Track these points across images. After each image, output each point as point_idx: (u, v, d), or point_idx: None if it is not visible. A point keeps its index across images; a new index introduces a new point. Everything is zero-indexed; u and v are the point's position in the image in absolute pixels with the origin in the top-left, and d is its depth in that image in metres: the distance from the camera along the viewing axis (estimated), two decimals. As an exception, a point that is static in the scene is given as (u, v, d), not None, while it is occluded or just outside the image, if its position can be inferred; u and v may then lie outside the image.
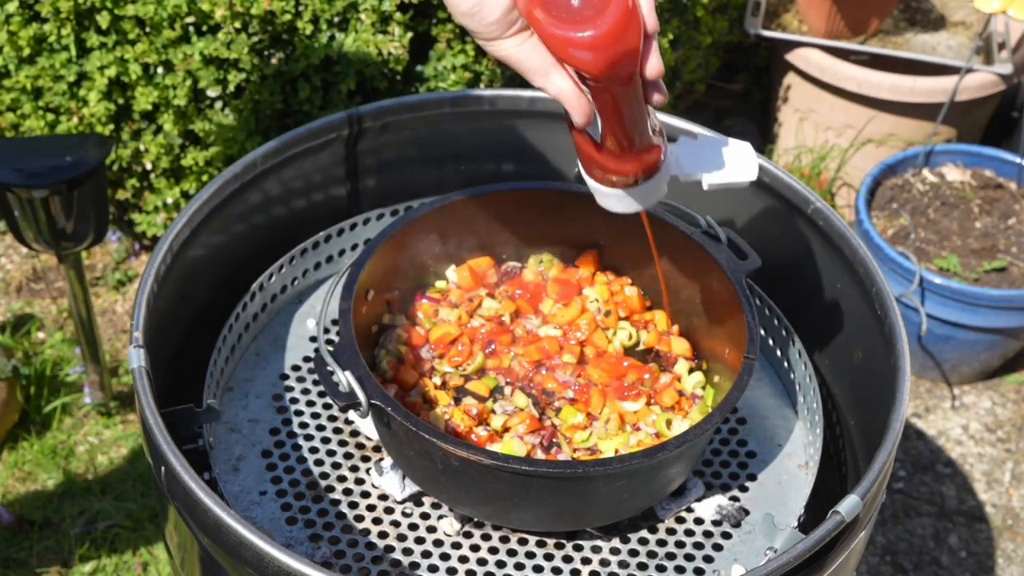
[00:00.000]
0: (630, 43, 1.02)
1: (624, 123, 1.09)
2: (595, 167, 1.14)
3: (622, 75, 1.04)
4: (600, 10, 1.01)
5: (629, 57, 1.03)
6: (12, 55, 2.11)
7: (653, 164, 1.15)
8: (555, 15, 1.02)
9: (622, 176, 1.14)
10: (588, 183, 1.18)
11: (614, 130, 1.10)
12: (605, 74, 1.03)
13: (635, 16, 1.02)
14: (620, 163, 1.13)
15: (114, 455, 2.25)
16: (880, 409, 1.25)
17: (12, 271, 2.59)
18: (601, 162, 1.13)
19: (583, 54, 1.02)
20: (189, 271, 1.36)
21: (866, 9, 2.80)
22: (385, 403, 1.14)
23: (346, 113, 1.47)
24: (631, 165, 1.13)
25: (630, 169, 1.14)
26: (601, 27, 1.00)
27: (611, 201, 1.18)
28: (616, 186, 1.16)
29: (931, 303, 2.37)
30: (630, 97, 1.07)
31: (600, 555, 1.23)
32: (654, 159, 1.14)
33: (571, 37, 1.01)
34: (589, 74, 1.03)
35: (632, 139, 1.11)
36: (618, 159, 1.13)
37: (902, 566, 2.20)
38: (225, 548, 1.08)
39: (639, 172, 1.14)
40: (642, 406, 1.28)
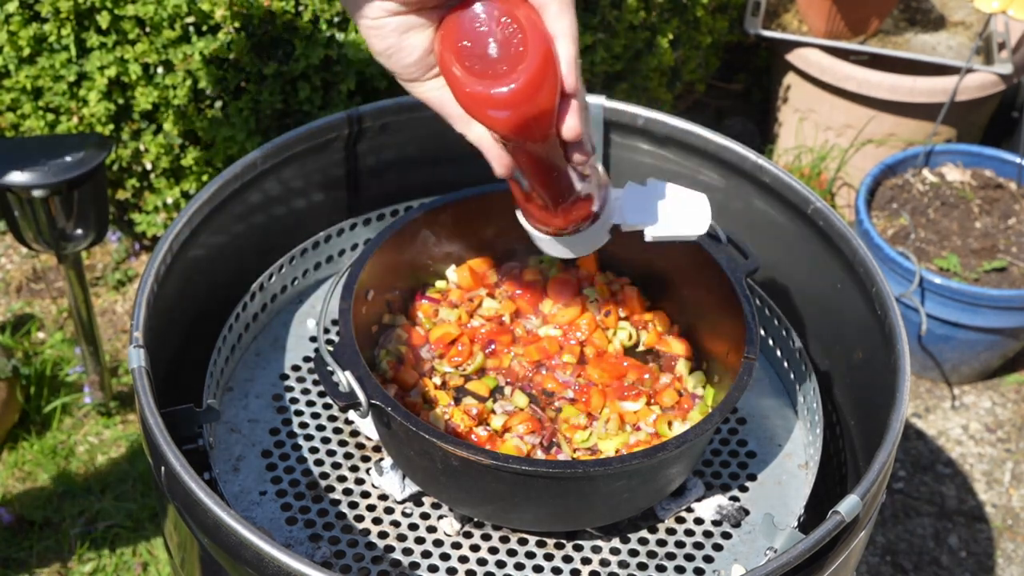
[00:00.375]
0: (543, 104, 0.97)
1: (543, 181, 1.06)
2: (524, 213, 1.12)
3: (534, 136, 1.00)
4: (514, 66, 0.96)
5: (541, 118, 0.98)
6: (12, 55, 2.11)
7: (581, 218, 1.11)
8: (468, 66, 0.97)
9: (549, 227, 1.12)
10: (526, 228, 1.15)
11: (534, 186, 1.07)
12: (515, 134, 0.99)
13: (550, 75, 0.97)
14: (546, 216, 1.10)
15: (114, 455, 2.25)
16: (880, 409, 1.25)
17: (12, 271, 2.59)
18: (528, 211, 1.11)
19: (493, 112, 0.97)
20: (189, 271, 1.36)
21: (866, 9, 2.80)
22: (385, 403, 1.14)
23: (346, 113, 1.47)
24: (557, 219, 1.11)
25: (557, 222, 1.11)
26: (510, 86, 0.96)
27: (545, 245, 1.16)
28: (550, 234, 1.14)
29: (931, 303, 2.38)
30: (547, 156, 1.03)
31: (600, 555, 1.23)
32: (582, 214, 1.11)
33: (480, 93, 0.97)
34: (498, 133, 1.00)
35: (554, 196, 1.08)
36: (543, 211, 1.10)
37: (902, 566, 2.20)
38: (225, 548, 1.08)
39: (566, 226, 1.11)
40: (642, 406, 1.28)
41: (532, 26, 0.97)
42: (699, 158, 1.49)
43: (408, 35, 0.99)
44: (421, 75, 1.02)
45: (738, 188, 1.48)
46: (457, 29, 0.98)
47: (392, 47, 1.00)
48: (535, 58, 0.96)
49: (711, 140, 1.47)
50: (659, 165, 1.53)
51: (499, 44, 0.97)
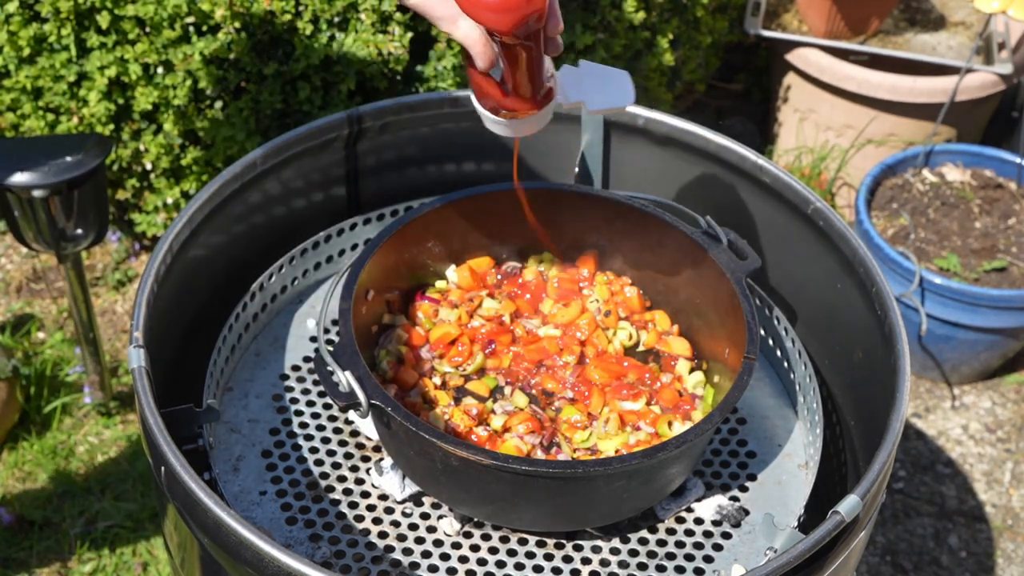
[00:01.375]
0: (538, 4, 1.06)
1: (527, 74, 1.14)
2: (489, 101, 1.19)
3: (529, 32, 1.09)
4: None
5: (536, 17, 1.07)
6: (12, 55, 2.10)
7: (548, 102, 1.20)
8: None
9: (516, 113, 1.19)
10: (478, 109, 1.22)
11: (517, 80, 1.15)
12: (512, 33, 1.07)
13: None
14: (519, 104, 1.18)
15: (114, 455, 2.25)
16: (880, 409, 1.25)
17: (12, 271, 2.59)
18: (500, 101, 1.18)
19: (491, 14, 1.06)
20: (189, 271, 1.36)
21: (866, 9, 2.80)
22: (385, 403, 1.14)
23: (346, 113, 1.47)
24: (527, 105, 1.19)
25: (528, 108, 1.19)
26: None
27: (499, 127, 1.23)
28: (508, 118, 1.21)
29: (931, 303, 2.37)
30: (534, 51, 1.12)
31: (600, 555, 1.23)
32: (548, 99, 1.20)
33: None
34: (497, 32, 1.08)
35: (534, 86, 1.16)
36: (518, 101, 1.18)
37: (902, 566, 2.20)
38: (225, 548, 1.08)
39: (533, 111, 1.20)
40: (642, 406, 1.28)
41: None
42: (699, 158, 1.49)
43: None
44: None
45: (738, 188, 1.48)
46: None
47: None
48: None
49: (711, 140, 1.47)
50: (659, 165, 1.53)
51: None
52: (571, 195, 1.38)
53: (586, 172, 1.55)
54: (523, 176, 1.58)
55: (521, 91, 1.16)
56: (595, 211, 1.39)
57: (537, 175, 1.58)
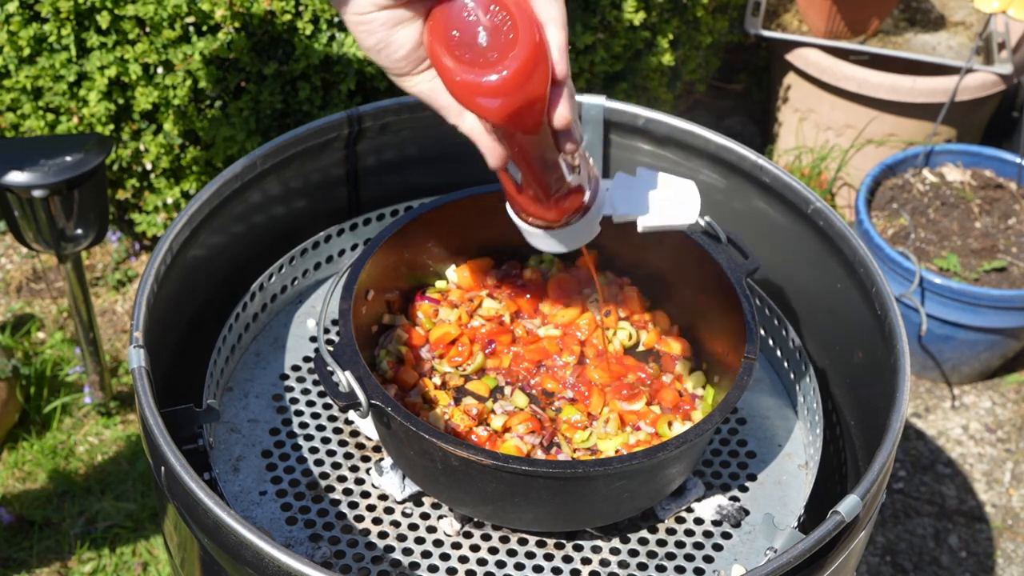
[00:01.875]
0: (534, 91, 0.97)
1: (535, 171, 1.05)
2: (515, 207, 1.11)
3: (526, 124, 0.99)
4: (505, 54, 0.96)
5: (533, 105, 0.98)
6: (12, 55, 2.11)
7: (573, 210, 1.11)
8: (458, 56, 0.97)
9: (542, 220, 1.11)
10: (515, 222, 1.15)
11: (526, 177, 1.06)
12: (506, 122, 0.98)
13: (541, 62, 0.96)
14: (538, 208, 1.10)
15: (114, 455, 2.25)
16: (880, 409, 1.25)
17: (12, 271, 2.59)
18: (521, 204, 1.10)
19: (484, 101, 0.97)
20: (189, 271, 1.36)
21: (866, 9, 2.80)
22: (385, 403, 1.14)
23: (346, 113, 1.47)
24: (549, 211, 1.10)
25: (549, 215, 1.10)
26: (502, 73, 0.95)
27: (536, 240, 1.15)
28: (540, 227, 1.13)
29: (931, 303, 2.38)
30: (538, 145, 1.02)
31: (600, 555, 1.23)
32: (574, 205, 1.10)
33: (471, 82, 0.96)
34: (490, 121, 0.99)
35: (546, 186, 1.07)
36: (535, 204, 1.09)
37: (902, 566, 2.20)
38: (225, 548, 1.08)
39: (559, 218, 1.11)
40: (642, 406, 1.28)
41: (521, 13, 0.97)
42: (699, 158, 1.49)
43: (397, 29, 0.99)
44: (411, 69, 1.01)
45: (738, 188, 1.48)
46: (446, 20, 0.98)
47: (381, 42, 0.99)
48: (525, 45, 0.95)
49: (711, 140, 1.47)
50: (659, 165, 1.53)
51: (489, 32, 0.97)
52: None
53: (586, 172, 1.55)
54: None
55: (538, 194, 1.07)
56: (595, 211, 1.39)
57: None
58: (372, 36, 0.99)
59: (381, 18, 0.98)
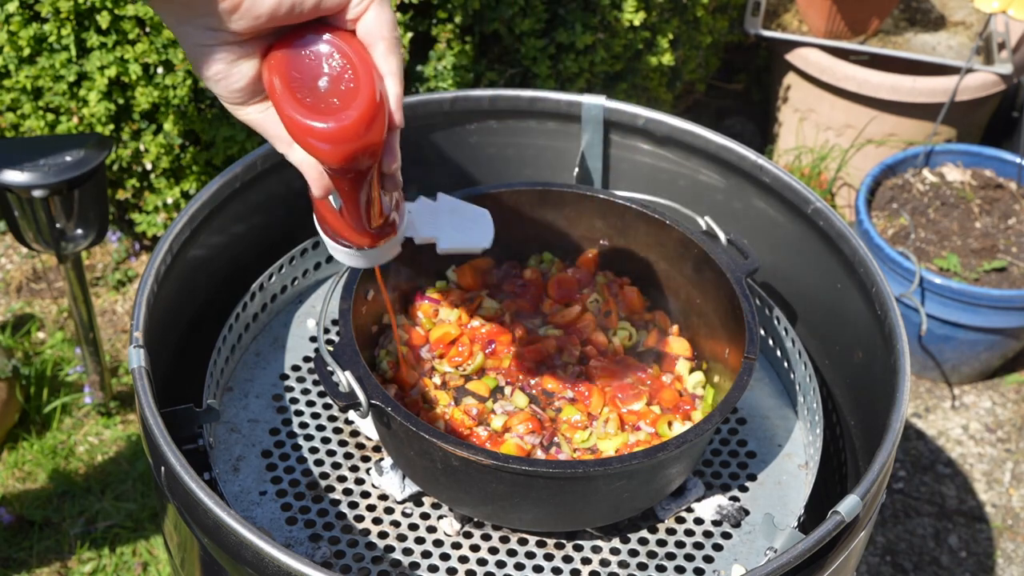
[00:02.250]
0: (371, 139, 0.99)
1: (358, 205, 1.07)
2: (328, 229, 1.13)
3: (360, 168, 1.02)
4: (347, 102, 0.98)
5: (368, 153, 1.00)
6: (12, 55, 2.11)
7: (387, 236, 1.13)
8: (299, 99, 0.98)
9: (355, 244, 1.13)
10: (321, 236, 1.16)
11: (353, 211, 1.08)
12: (340, 167, 1.00)
13: (381, 112, 0.98)
14: (354, 234, 1.12)
15: (114, 455, 2.25)
16: (880, 409, 1.25)
17: (12, 271, 2.59)
18: (337, 229, 1.12)
19: (320, 144, 0.98)
20: (189, 271, 1.36)
21: (866, 9, 2.80)
22: (385, 403, 1.14)
23: (346, 113, 1.46)
24: (365, 238, 1.12)
25: (364, 242, 1.12)
26: (344, 120, 0.97)
27: (342, 256, 1.16)
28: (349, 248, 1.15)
29: (931, 303, 2.38)
30: (366, 185, 1.05)
31: (600, 555, 1.23)
32: (387, 233, 1.13)
33: (308, 125, 0.98)
34: (324, 164, 1.01)
35: (368, 219, 1.09)
36: (352, 230, 1.11)
37: (902, 566, 2.20)
38: (225, 548, 1.08)
39: (372, 244, 1.13)
40: (642, 406, 1.28)
41: (363, 63, 0.99)
42: (699, 158, 1.49)
43: (238, 62, 0.99)
44: (246, 99, 1.02)
45: (738, 188, 1.48)
46: (288, 60, 1.00)
47: (220, 73, 0.99)
48: (367, 95, 0.98)
49: (711, 140, 1.47)
50: (659, 165, 1.53)
51: (330, 79, 0.99)
52: (571, 195, 1.38)
53: (586, 172, 1.55)
54: (523, 176, 1.58)
55: (355, 224, 1.09)
56: (595, 211, 1.39)
57: (537, 175, 1.58)
58: (212, 66, 0.99)
59: (222, 51, 0.99)
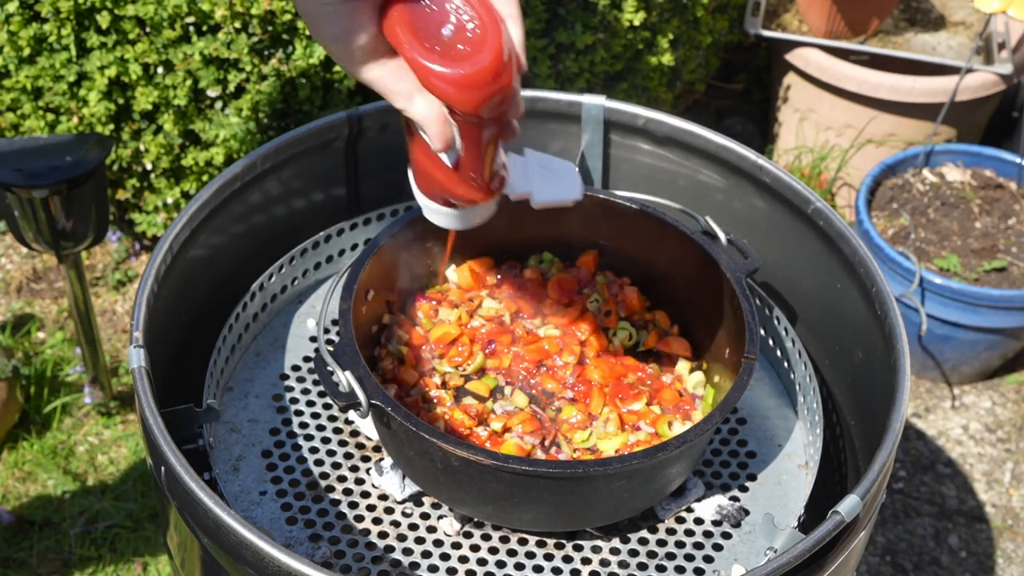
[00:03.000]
0: (504, 83, 1.00)
1: (480, 157, 1.07)
2: (437, 187, 1.12)
3: (495, 113, 1.02)
4: (476, 48, 0.98)
5: (502, 97, 1.01)
6: (12, 55, 2.11)
7: (499, 189, 1.13)
8: (427, 46, 0.99)
9: (467, 202, 1.12)
10: (419, 200, 1.15)
11: (474, 163, 1.07)
12: (478, 111, 1.01)
13: (511, 55, 0.99)
14: (469, 190, 1.11)
15: (114, 455, 2.25)
16: (880, 409, 1.25)
17: (12, 271, 2.59)
18: (450, 187, 1.11)
19: (457, 91, 0.99)
20: (189, 271, 1.36)
21: (866, 9, 2.80)
22: (385, 403, 1.14)
23: (346, 113, 1.47)
24: (480, 194, 1.12)
25: (479, 196, 1.12)
26: (478, 65, 0.98)
27: (443, 217, 1.16)
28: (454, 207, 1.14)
29: (931, 303, 2.38)
30: (495, 134, 1.05)
31: (600, 555, 1.23)
32: (500, 188, 1.13)
33: (445, 74, 0.98)
34: (461, 111, 1.01)
35: (490, 171, 1.09)
36: (468, 186, 1.10)
37: (902, 566, 2.20)
38: (225, 548, 1.08)
39: (487, 198, 1.12)
40: (642, 406, 1.28)
41: (484, 8, 0.99)
42: (699, 158, 1.49)
43: (359, 17, 0.99)
44: (366, 58, 1.01)
45: (738, 188, 1.48)
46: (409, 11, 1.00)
47: (343, 30, 0.99)
48: (495, 40, 0.98)
49: (711, 140, 1.47)
50: (659, 165, 1.53)
51: (454, 27, 0.99)
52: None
53: (586, 172, 1.55)
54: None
55: (476, 177, 1.09)
56: (595, 211, 1.39)
57: (537, 175, 1.58)
58: (333, 25, 0.99)
59: (345, 8, 0.99)
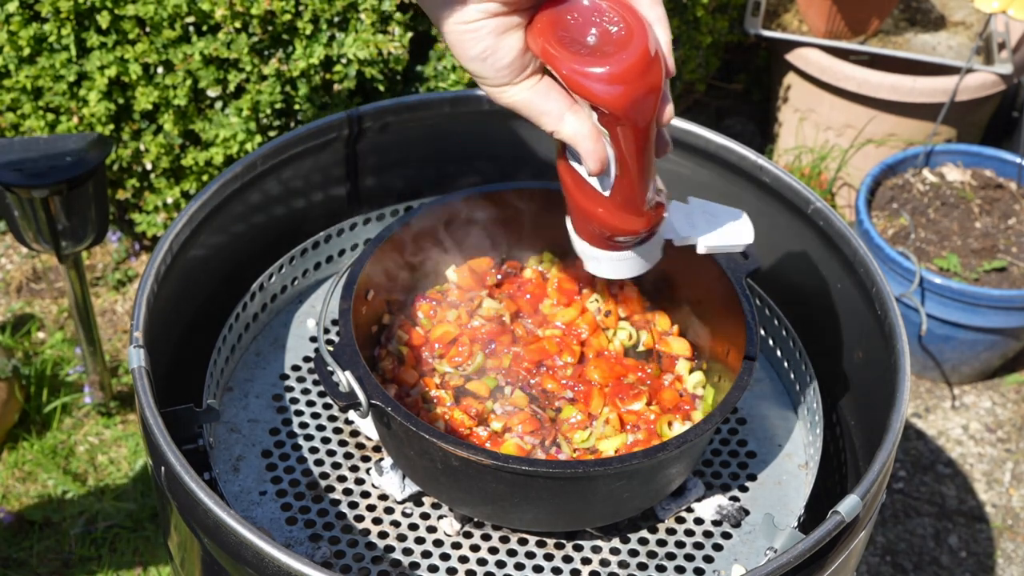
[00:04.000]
0: (654, 80, 0.99)
1: (640, 171, 1.06)
2: (596, 224, 1.11)
3: (644, 114, 1.01)
4: (623, 46, 0.98)
5: (652, 95, 1.00)
6: (12, 55, 2.11)
7: (659, 219, 1.12)
8: (572, 51, 0.98)
9: (627, 234, 1.11)
10: (579, 248, 1.14)
11: (628, 180, 1.06)
12: (629, 111, 1.00)
13: (657, 54, 1.00)
14: (628, 219, 1.09)
15: (114, 455, 2.25)
16: (880, 409, 1.25)
17: (12, 271, 2.59)
18: (605, 218, 1.09)
19: (605, 89, 0.98)
20: (189, 271, 1.36)
21: (866, 9, 2.80)
22: (385, 403, 1.14)
23: (346, 113, 1.47)
24: (639, 221, 1.10)
25: (638, 225, 1.10)
26: (626, 61, 0.98)
27: (605, 266, 1.15)
28: (615, 248, 1.13)
29: (931, 303, 2.38)
30: (648, 143, 1.04)
31: (600, 555, 1.23)
32: (659, 216, 1.11)
33: (594, 72, 0.98)
34: (612, 109, 1.00)
35: (645, 191, 1.08)
36: (626, 213, 1.09)
37: (902, 566, 2.20)
38: (225, 548, 1.08)
39: (645, 229, 1.11)
40: (642, 406, 1.28)
41: (630, 13, 1.00)
42: (699, 158, 1.49)
43: (504, 36, 0.98)
44: (513, 77, 1.01)
45: (738, 188, 1.48)
46: (554, 23, 1.00)
47: (488, 49, 0.98)
48: (640, 38, 0.99)
49: (711, 140, 1.47)
50: (659, 165, 1.53)
51: (599, 33, 1.00)
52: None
53: (586, 172, 1.55)
54: (523, 176, 1.58)
55: (633, 201, 1.07)
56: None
57: (537, 175, 1.58)
58: (479, 44, 0.98)
59: (490, 26, 0.97)
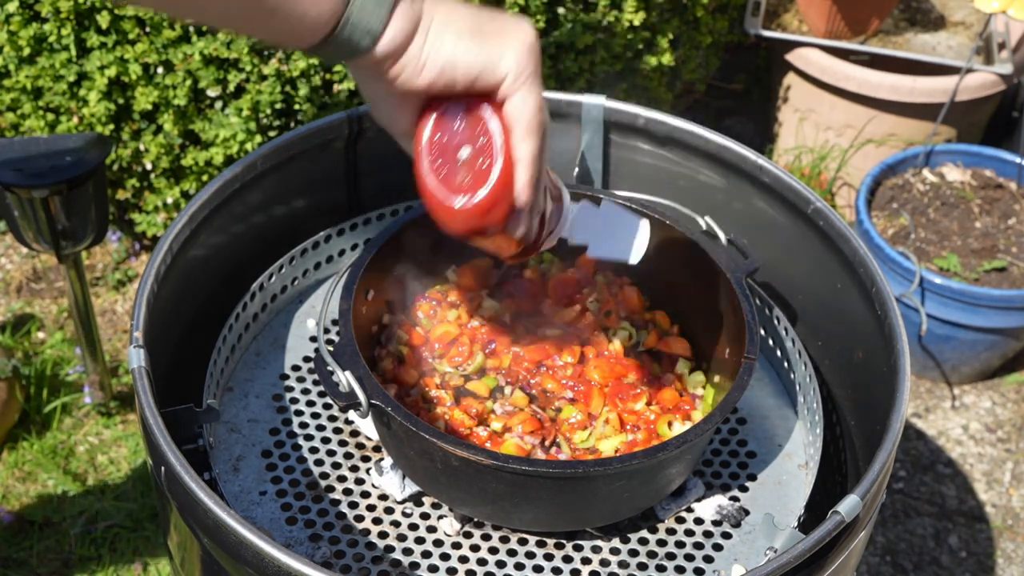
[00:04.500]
0: (489, 222, 1.04)
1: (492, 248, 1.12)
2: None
3: (477, 239, 1.08)
4: (476, 183, 1.03)
5: (484, 232, 1.05)
6: (12, 55, 2.11)
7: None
8: (435, 166, 1.05)
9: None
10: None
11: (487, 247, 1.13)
12: (456, 237, 1.07)
13: (505, 198, 1.03)
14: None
15: (114, 455, 2.25)
16: (880, 409, 1.25)
17: (12, 271, 2.59)
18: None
19: (440, 216, 1.05)
20: (189, 271, 1.36)
21: (866, 9, 2.80)
22: (385, 403, 1.14)
23: (346, 113, 1.47)
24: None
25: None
26: (465, 204, 1.03)
27: None
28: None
29: (931, 303, 2.38)
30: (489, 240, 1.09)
31: (600, 555, 1.23)
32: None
33: (435, 197, 1.05)
34: (444, 230, 1.07)
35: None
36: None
37: (902, 566, 2.20)
38: (225, 548, 1.08)
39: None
40: (642, 406, 1.28)
41: (503, 143, 1.03)
42: (699, 158, 1.49)
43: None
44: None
45: (738, 188, 1.48)
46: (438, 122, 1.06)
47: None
48: (495, 182, 1.02)
49: (711, 140, 1.47)
50: (659, 165, 1.53)
51: (472, 151, 1.04)
52: (571, 195, 1.38)
53: (586, 172, 1.55)
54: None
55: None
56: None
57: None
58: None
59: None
